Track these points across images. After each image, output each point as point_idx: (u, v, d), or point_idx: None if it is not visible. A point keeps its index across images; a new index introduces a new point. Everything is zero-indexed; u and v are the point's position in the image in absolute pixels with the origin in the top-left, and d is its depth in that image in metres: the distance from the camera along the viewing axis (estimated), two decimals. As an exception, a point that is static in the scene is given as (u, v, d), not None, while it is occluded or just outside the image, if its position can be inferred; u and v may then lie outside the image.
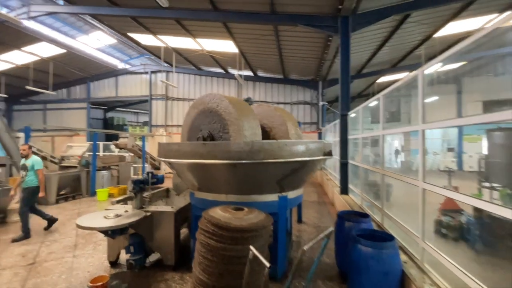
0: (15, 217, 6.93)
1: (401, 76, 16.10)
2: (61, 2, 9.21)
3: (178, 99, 16.65)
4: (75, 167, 10.61)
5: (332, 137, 10.67)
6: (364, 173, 5.72)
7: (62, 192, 9.58)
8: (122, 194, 10.41)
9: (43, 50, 13.10)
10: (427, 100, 3.10)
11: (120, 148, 12.48)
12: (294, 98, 15.98)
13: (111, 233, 3.49)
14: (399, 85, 3.67)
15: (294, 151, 3.27)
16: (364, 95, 21.80)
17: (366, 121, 6.23)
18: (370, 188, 5.65)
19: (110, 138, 18.20)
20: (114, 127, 21.43)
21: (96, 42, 14.36)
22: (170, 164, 3.84)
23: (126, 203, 4.24)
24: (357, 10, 7.13)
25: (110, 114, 23.74)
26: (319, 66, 12.56)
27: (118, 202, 3.91)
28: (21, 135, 10.07)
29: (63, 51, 13.33)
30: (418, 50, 11.41)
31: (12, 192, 6.06)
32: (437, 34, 9.79)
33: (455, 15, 8.53)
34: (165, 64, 15.24)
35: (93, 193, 10.09)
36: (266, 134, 4.65)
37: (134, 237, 3.93)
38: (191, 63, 14.88)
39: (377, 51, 11.12)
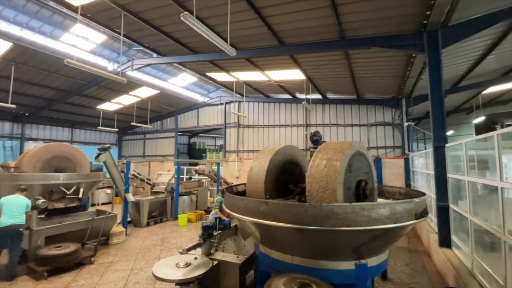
0: (116, 240, 8.18)
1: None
2: (155, 55, 11.06)
3: (248, 126, 17.40)
4: (163, 192, 12.10)
5: (424, 167, 8.96)
6: (477, 227, 4.39)
7: (152, 215, 10.95)
8: (199, 219, 11.23)
9: (143, 92, 15.96)
10: None
11: (199, 174, 13.77)
12: (371, 119, 14.45)
13: (180, 284, 3.59)
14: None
15: (373, 217, 2.70)
16: (464, 109, 18.06)
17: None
18: (485, 248, 4.28)
19: (193, 159, 20.59)
20: (196, 150, 24.13)
21: (182, 82, 16.68)
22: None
23: (195, 249, 4.36)
24: (449, 21, 5.96)
25: (193, 140, 26.92)
26: (401, 84, 11.07)
27: (188, 250, 4.04)
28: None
29: (157, 91, 15.90)
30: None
31: None
32: None
33: None
34: (237, 95, 16.29)
35: (175, 217, 11.14)
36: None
37: (201, 286, 3.96)
38: (260, 92, 15.45)
39: (480, 60, 9.05)
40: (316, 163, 3.27)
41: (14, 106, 11.94)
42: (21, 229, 5.43)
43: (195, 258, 4.06)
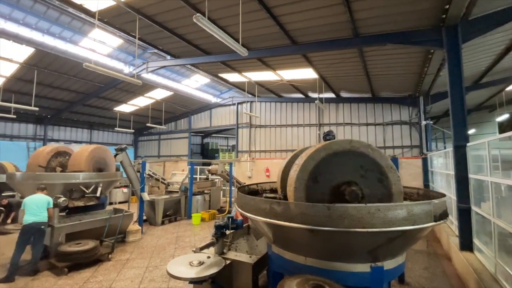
0: (132, 238, 8.39)
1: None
2: (169, 57, 11.27)
3: (260, 126, 17.39)
4: (177, 192, 12.30)
5: (444, 167, 8.63)
6: (501, 230, 4.18)
7: (167, 214, 11.15)
8: (212, 219, 11.34)
9: (157, 94, 16.32)
10: None
11: (212, 174, 13.91)
12: (387, 118, 14.06)
13: (193, 282, 3.64)
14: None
15: (390, 218, 2.62)
16: (486, 107, 17.25)
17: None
18: (510, 252, 4.06)
19: (206, 159, 20.88)
20: (209, 150, 24.42)
21: (195, 83, 16.92)
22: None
23: (208, 248, 4.40)
24: (469, 15, 5.71)
25: (206, 140, 27.25)
26: (418, 81, 10.72)
27: (201, 249, 4.09)
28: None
29: (171, 93, 16.21)
30: None
31: None
32: None
33: None
34: (249, 95, 16.31)
35: (189, 216, 11.29)
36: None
37: (214, 285, 3.99)
38: (272, 92, 15.40)
39: (503, 55, 8.60)
40: (288, 183, 3.35)
41: (37, 108, 12.52)
42: (42, 227, 5.67)
43: (208, 257, 4.10)
